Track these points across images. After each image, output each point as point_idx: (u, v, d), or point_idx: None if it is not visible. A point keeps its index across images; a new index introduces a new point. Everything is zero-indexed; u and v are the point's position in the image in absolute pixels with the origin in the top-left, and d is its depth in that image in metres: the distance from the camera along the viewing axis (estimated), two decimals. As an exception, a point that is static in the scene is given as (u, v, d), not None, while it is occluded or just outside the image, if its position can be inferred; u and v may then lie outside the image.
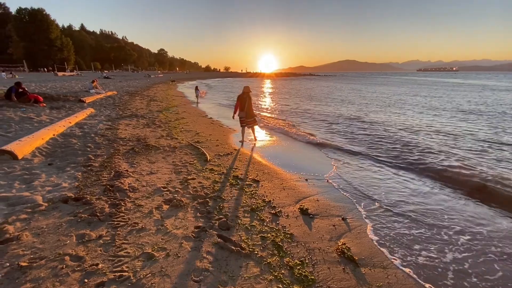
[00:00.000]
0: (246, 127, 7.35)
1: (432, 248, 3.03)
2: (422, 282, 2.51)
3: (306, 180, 4.91)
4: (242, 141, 7.39)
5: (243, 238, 2.87)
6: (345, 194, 4.41)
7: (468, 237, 3.31)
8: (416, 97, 24.22)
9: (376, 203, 4.11)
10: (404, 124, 11.00)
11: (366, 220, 3.60)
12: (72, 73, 54.51)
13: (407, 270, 2.65)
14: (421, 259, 2.84)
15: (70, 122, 7.28)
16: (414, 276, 2.58)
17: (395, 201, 4.22)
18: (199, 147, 6.33)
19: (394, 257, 2.83)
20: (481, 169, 5.42)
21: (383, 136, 8.65)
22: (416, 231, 3.38)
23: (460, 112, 14.59)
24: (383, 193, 4.51)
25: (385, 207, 4.00)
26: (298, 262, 2.59)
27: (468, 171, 5.32)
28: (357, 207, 3.97)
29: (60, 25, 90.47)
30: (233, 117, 7.36)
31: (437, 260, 2.83)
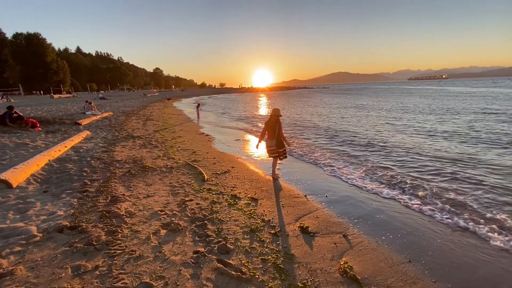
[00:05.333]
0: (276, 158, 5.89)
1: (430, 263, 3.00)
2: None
3: (305, 196, 4.89)
4: (274, 177, 5.86)
5: (243, 261, 2.82)
6: (345, 209, 4.38)
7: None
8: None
9: (376, 219, 4.09)
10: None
11: (367, 236, 3.56)
12: (68, 95, 54.86)
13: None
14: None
15: (65, 146, 7.24)
16: (419, 294, 2.53)
17: (393, 217, 4.20)
18: (196, 166, 6.31)
19: (399, 275, 2.79)
20: None
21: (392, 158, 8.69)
22: (415, 249, 3.36)
23: None
24: (382, 209, 4.50)
25: (383, 222, 3.98)
26: (300, 285, 2.53)
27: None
28: (357, 223, 3.94)
29: (56, 48, 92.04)
30: (257, 146, 5.91)
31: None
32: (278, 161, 6.08)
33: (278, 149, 5.75)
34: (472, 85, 74.13)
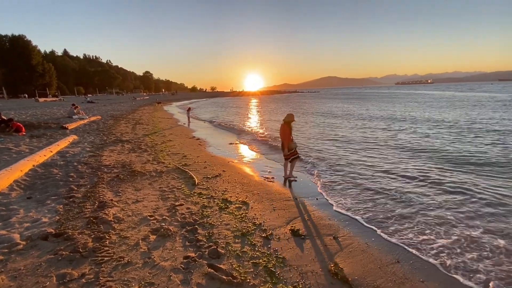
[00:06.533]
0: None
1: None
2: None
3: (296, 199, 4.91)
4: (288, 178, 6.10)
5: (234, 266, 2.80)
6: (335, 211, 4.43)
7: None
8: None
9: (366, 219, 4.15)
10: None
11: (357, 238, 3.60)
12: (54, 99, 53.47)
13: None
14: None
15: (51, 151, 7.04)
16: (408, 294, 2.57)
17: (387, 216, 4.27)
18: (186, 170, 6.25)
19: (388, 276, 2.83)
20: None
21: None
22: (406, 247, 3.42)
23: None
24: (372, 208, 4.56)
25: (374, 220, 4.04)
26: (291, 288, 2.53)
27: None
28: (348, 225, 3.98)
29: (42, 50, 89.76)
30: (287, 152, 5.95)
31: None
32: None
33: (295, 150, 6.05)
34: (460, 90, 74.93)
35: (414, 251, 3.30)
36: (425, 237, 3.62)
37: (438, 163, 7.13)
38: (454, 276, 2.87)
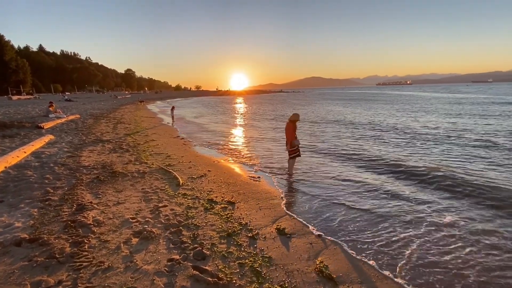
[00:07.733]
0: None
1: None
2: (397, 295, 2.57)
3: (282, 198, 4.93)
4: (292, 175, 6.38)
5: (220, 267, 2.76)
6: (321, 210, 4.48)
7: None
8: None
9: (350, 218, 4.23)
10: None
11: (340, 235, 3.66)
12: (29, 96, 50.83)
13: (385, 282, 2.71)
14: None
15: (25, 152, 6.67)
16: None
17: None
18: (170, 170, 6.12)
19: (371, 272, 2.89)
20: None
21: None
22: (390, 244, 3.51)
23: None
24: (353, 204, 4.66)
25: (356, 221, 4.13)
26: (277, 287, 2.53)
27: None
28: (333, 221, 4.05)
29: (16, 46, 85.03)
30: (289, 148, 6.29)
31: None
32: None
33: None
34: (440, 91, 75.90)
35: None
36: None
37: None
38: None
